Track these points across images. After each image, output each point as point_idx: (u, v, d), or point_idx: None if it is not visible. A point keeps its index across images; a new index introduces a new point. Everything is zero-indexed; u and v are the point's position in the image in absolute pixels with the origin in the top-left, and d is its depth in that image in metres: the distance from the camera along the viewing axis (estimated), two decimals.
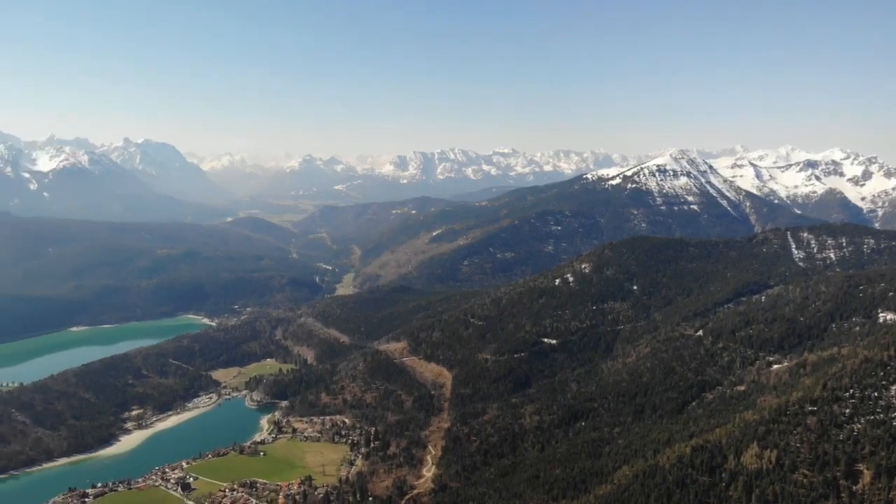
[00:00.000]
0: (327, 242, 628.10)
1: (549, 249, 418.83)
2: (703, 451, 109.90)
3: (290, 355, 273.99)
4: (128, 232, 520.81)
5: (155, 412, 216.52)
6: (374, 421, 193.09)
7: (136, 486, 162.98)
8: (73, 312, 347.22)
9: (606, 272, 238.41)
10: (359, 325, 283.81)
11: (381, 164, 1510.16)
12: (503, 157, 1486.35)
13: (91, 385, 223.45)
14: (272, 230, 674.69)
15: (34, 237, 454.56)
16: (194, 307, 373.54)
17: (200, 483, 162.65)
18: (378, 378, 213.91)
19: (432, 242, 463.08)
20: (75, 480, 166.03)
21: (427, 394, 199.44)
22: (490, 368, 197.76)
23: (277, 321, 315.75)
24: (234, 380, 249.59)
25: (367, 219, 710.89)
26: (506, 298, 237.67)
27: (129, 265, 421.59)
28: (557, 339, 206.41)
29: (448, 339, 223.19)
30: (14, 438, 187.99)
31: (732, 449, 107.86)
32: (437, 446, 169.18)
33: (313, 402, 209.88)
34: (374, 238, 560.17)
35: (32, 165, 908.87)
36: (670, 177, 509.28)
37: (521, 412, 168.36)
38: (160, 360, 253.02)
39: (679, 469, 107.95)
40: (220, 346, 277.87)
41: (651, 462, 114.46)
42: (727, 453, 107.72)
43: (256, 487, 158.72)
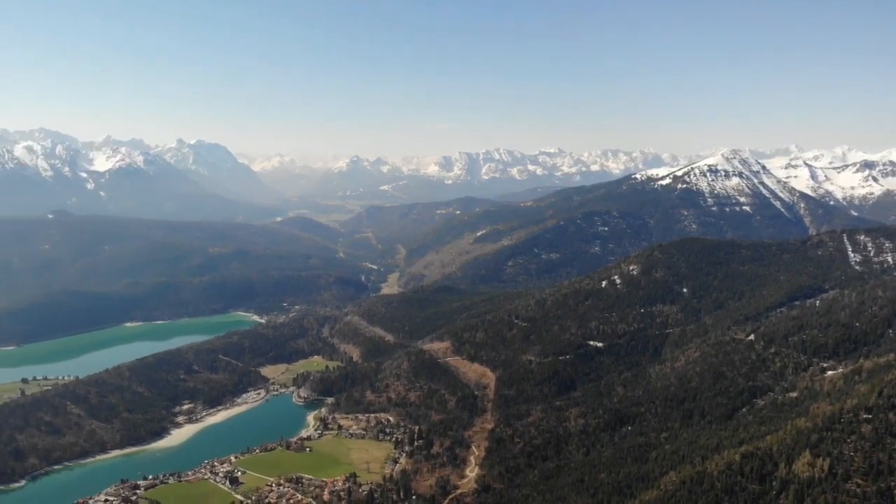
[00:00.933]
0: (373, 242, 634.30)
1: (596, 251, 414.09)
2: (753, 458, 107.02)
3: (336, 353, 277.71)
4: (181, 231, 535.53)
5: (205, 407, 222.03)
6: (417, 419, 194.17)
7: (185, 479, 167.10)
8: (128, 308, 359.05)
9: (655, 274, 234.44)
10: (403, 324, 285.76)
11: (427, 164, 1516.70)
12: (549, 157, 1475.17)
13: (144, 379, 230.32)
14: (320, 230, 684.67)
15: (91, 235, 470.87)
16: (244, 304, 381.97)
17: (248, 477, 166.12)
18: (422, 377, 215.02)
19: (476, 243, 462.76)
20: (127, 472, 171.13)
21: (470, 394, 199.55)
22: (534, 370, 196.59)
23: (324, 319, 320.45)
24: (282, 376, 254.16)
25: (411, 219, 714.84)
26: (551, 300, 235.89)
27: (182, 263, 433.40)
28: (604, 341, 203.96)
29: (492, 339, 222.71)
30: (69, 430, 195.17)
31: (784, 457, 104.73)
32: (480, 447, 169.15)
33: (358, 400, 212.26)
34: (419, 238, 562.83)
35: (89, 165, 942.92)
36: (722, 177, 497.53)
37: (566, 415, 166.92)
38: (211, 356, 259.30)
39: (728, 476, 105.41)
40: (269, 343, 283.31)
41: (699, 468, 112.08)
42: (778, 461, 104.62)
43: (302, 483, 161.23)
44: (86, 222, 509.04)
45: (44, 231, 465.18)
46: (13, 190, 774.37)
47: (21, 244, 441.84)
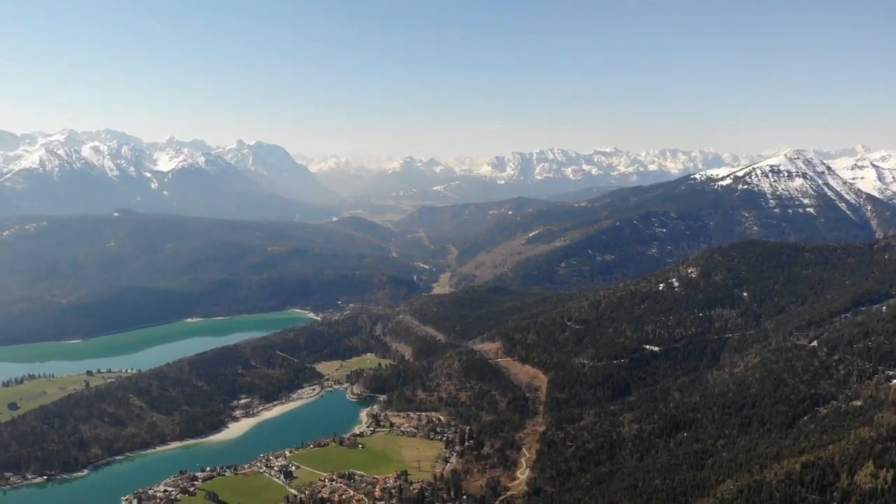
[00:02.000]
0: (425, 242, 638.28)
1: (653, 252, 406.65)
2: (813, 468, 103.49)
3: (388, 351, 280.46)
4: (240, 229, 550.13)
5: (261, 401, 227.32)
6: (468, 420, 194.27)
7: (241, 472, 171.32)
8: (189, 304, 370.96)
9: (715, 277, 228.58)
10: (454, 323, 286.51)
11: (479, 165, 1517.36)
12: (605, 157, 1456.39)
13: (203, 373, 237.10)
14: (374, 229, 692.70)
15: (154, 233, 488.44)
16: (300, 302, 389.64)
17: (302, 472, 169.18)
18: (473, 377, 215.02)
19: (528, 243, 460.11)
20: (186, 464, 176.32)
21: (522, 396, 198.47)
22: (587, 374, 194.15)
23: (377, 317, 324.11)
24: (336, 372, 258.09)
25: (463, 219, 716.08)
26: (605, 302, 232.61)
27: (241, 261, 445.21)
28: (660, 345, 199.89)
29: (544, 341, 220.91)
30: (131, 422, 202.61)
31: (845, 467, 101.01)
32: (531, 449, 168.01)
33: (410, 398, 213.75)
34: (471, 238, 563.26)
35: (153, 166, 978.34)
36: (784, 178, 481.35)
37: (620, 420, 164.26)
38: (268, 352, 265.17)
39: (787, 486, 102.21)
40: (324, 340, 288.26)
41: (757, 477, 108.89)
42: (840, 471, 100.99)
43: (354, 479, 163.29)
44: (149, 221, 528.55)
45: (110, 229, 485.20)
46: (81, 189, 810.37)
47: (88, 242, 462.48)
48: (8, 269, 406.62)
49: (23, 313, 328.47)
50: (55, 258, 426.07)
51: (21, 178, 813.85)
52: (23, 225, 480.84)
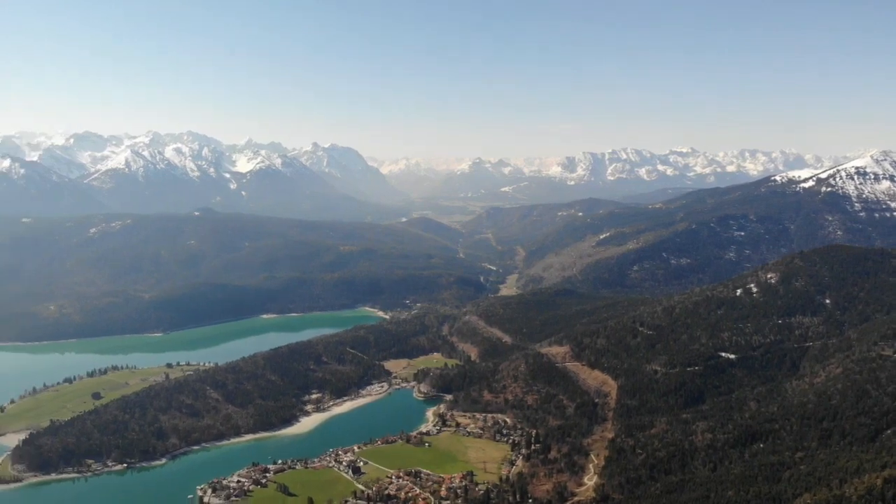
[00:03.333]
0: (492, 243, 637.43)
1: (731, 256, 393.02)
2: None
3: (455, 351, 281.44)
4: (314, 229, 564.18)
5: (332, 397, 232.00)
6: (535, 423, 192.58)
7: (311, 466, 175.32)
8: (265, 301, 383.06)
9: (795, 283, 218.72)
10: (521, 325, 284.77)
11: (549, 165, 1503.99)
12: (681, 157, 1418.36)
13: (277, 368, 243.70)
14: (441, 230, 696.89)
15: (233, 232, 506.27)
16: (370, 300, 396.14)
17: (369, 468, 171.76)
18: (540, 381, 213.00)
19: (599, 245, 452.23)
20: (259, 456, 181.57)
21: (590, 401, 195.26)
22: (659, 380, 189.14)
23: (444, 317, 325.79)
24: (404, 371, 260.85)
25: (532, 220, 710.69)
26: (679, 307, 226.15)
27: (315, 260, 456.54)
28: (736, 353, 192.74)
29: (614, 346, 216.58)
30: (207, 413, 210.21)
31: None
32: (599, 455, 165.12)
33: (476, 399, 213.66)
34: (539, 239, 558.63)
35: (232, 167, 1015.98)
36: (871, 180, 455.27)
37: (693, 428, 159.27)
38: (339, 349, 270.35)
39: (867, 501, 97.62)
40: (392, 338, 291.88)
41: (836, 492, 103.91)
42: None
43: (420, 477, 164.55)
44: (228, 220, 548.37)
45: (191, 227, 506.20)
46: (164, 189, 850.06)
47: (170, 239, 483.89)
48: (94, 265, 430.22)
49: (108, 307, 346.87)
50: (139, 255, 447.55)
51: (108, 177, 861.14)
52: (109, 223, 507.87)
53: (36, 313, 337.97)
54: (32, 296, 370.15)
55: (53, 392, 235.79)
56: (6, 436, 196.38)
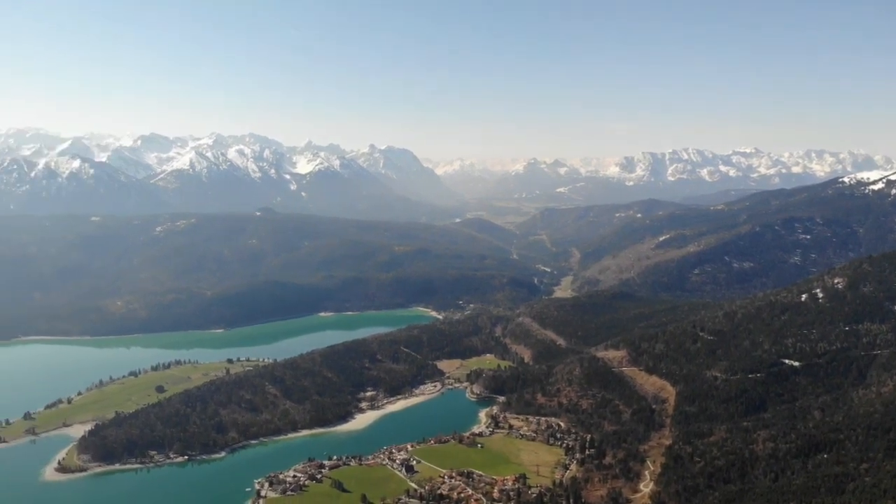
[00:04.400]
0: (547, 244, 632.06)
1: (795, 260, 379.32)
2: None
3: (507, 353, 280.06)
4: (370, 229, 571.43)
5: (386, 395, 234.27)
6: (589, 428, 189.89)
7: (365, 463, 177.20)
8: (322, 299, 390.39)
9: (863, 289, 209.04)
10: (576, 329, 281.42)
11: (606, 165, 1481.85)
12: (744, 158, 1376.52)
13: (333, 365, 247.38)
14: (495, 231, 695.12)
15: (292, 232, 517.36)
16: (424, 300, 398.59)
17: (422, 467, 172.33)
18: (595, 385, 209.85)
19: (658, 248, 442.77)
20: (314, 451, 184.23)
21: (647, 407, 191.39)
22: (720, 387, 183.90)
23: (497, 319, 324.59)
24: (457, 371, 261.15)
25: (588, 221, 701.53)
26: (741, 312, 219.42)
27: (371, 259, 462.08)
28: (800, 360, 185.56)
29: (673, 351, 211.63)
30: (266, 408, 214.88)
31: None
32: (656, 462, 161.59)
33: (529, 402, 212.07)
34: (595, 241, 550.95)
35: (293, 168, 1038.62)
36: None
37: (754, 437, 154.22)
38: (393, 347, 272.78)
39: None
40: (445, 338, 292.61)
41: None
42: None
43: (473, 478, 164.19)
44: (288, 220, 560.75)
45: (252, 227, 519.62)
46: (226, 189, 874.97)
47: (232, 238, 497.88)
48: (160, 263, 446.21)
49: (172, 303, 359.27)
50: (202, 253, 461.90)
51: (173, 178, 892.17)
52: (174, 222, 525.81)
53: (103, 308, 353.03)
54: (100, 292, 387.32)
55: (119, 385, 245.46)
56: (73, 427, 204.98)
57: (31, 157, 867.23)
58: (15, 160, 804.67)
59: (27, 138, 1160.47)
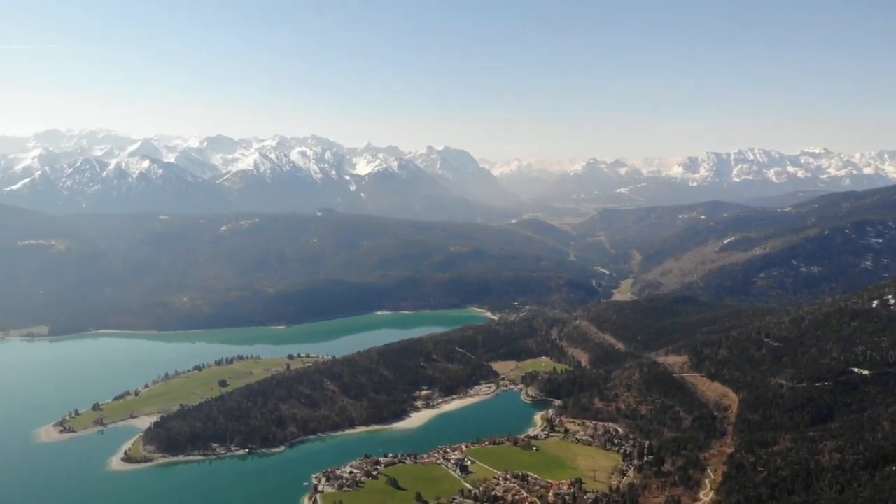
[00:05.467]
0: (606, 246, 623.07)
1: (867, 265, 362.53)
2: None
3: (564, 356, 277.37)
4: (426, 230, 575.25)
5: (441, 394, 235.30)
6: (648, 434, 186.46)
7: (420, 461, 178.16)
8: (379, 298, 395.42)
9: None
10: (635, 333, 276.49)
11: (669, 166, 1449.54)
12: (813, 158, 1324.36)
13: (389, 363, 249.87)
14: (552, 232, 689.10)
15: (351, 232, 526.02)
16: (479, 301, 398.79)
17: (477, 467, 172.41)
18: (655, 391, 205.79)
19: (723, 251, 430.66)
20: (370, 448, 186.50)
21: (708, 414, 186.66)
22: (785, 395, 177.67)
23: (553, 321, 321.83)
24: (512, 373, 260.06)
25: (649, 223, 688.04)
26: (809, 318, 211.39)
27: (427, 259, 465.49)
28: (871, 369, 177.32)
29: (736, 358, 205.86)
30: (324, 404, 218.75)
31: None
32: (717, 471, 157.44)
33: (586, 406, 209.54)
34: (657, 243, 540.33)
35: (352, 169, 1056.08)
36: None
37: (820, 447, 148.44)
38: (448, 347, 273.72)
39: None
40: (500, 340, 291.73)
41: None
42: None
43: (528, 481, 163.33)
44: (347, 220, 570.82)
45: (313, 227, 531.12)
46: (289, 190, 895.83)
47: (294, 238, 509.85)
48: (224, 261, 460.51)
49: (236, 300, 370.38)
50: (265, 252, 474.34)
51: (238, 178, 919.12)
52: (238, 221, 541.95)
53: (170, 304, 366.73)
54: (167, 288, 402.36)
55: (184, 378, 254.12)
56: (139, 418, 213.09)
57: (102, 157, 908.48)
58: (87, 160, 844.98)
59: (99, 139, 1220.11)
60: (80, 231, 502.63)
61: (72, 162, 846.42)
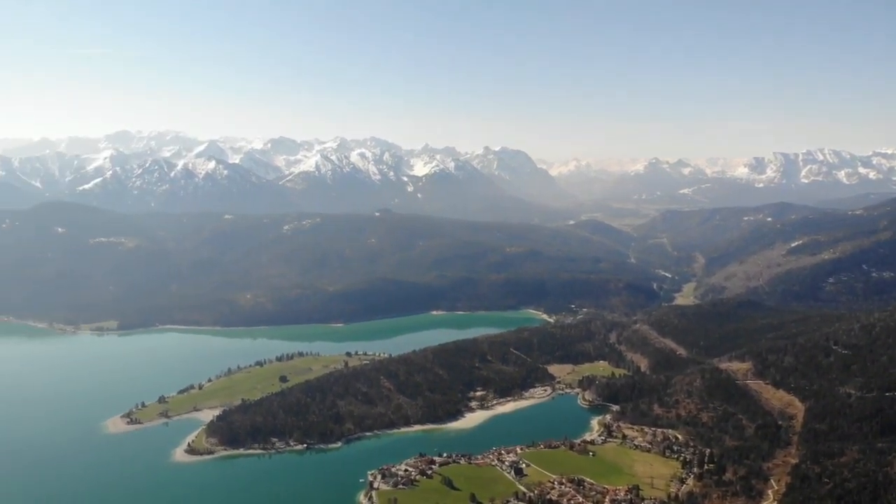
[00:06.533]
0: (667, 248, 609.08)
1: None
2: None
3: (622, 360, 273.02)
4: (482, 230, 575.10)
5: (495, 395, 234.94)
6: (709, 442, 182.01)
7: (474, 462, 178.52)
8: (434, 298, 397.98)
9: None
10: (697, 338, 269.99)
11: (734, 166, 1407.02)
12: (886, 159, 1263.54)
13: (444, 363, 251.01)
14: (611, 233, 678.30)
15: (408, 232, 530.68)
16: (534, 302, 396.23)
17: (531, 471, 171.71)
18: (716, 398, 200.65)
19: (790, 254, 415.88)
20: (424, 447, 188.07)
21: (772, 423, 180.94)
22: (853, 405, 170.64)
23: (612, 325, 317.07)
24: (568, 376, 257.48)
25: (713, 225, 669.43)
26: (880, 325, 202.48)
27: (482, 260, 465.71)
28: None
29: (802, 365, 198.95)
30: (380, 402, 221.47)
31: None
32: (780, 481, 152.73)
33: (645, 412, 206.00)
34: (721, 246, 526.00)
35: (410, 170, 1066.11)
36: None
37: (888, 459, 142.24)
38: (503, 349, 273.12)
39: None
40: (556, 342, 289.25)
41: None
42: None
43: (584, 486, 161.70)
44: (405, 220, 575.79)
45: (371, 227, 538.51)
46: (348, 190, 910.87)
47: (353, 237, 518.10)
48: (286, 259, 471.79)
49: (297, 298, 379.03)
50: (325, 251, 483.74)
51: (300, 179, 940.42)
52: (300, 221, 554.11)
53: (233, 301, 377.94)
54: (231, 285, 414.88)
55: (246, 373, 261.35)
56: (203, 411, 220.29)
57: (170, 158, 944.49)
58: (156, 161, 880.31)
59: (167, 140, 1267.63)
60: (149, 229, 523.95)
61: (141, 162, 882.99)
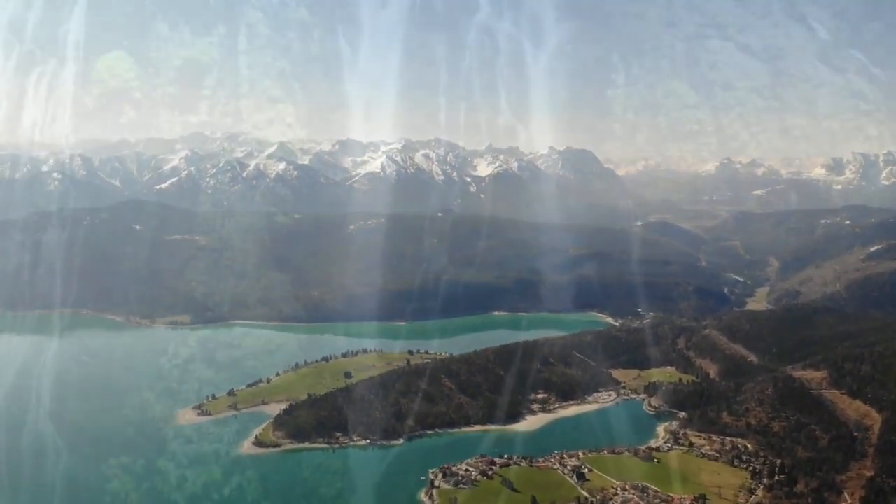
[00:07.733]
0: (740, 251, 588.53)
1: None
2: None
3: (690, 366, 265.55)
4: (545, 231, 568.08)
5: (557, 399, 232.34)
6: (780, 452, 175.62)
7: (535, 465, 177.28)
8: (496, 299, 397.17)
9: None
10: (770, 345, 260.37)
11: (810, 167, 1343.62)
12: None
13: (505, 364, 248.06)
14: (680, 235, 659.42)
15: (470, 232, 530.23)
16: (599, 305, 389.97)
17: (594, 476, 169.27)
18: (789, 407, 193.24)
19: (870, 259, 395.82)
20: (484, 447, 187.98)
21: (847, 434, 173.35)
22: None
23: (680, 329, 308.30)
24: (633, 382, 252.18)
25: (788, 228, 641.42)
26: None
27: (544, 261, 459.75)
28: None
29: (881, 375, 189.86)
30: (441, 401, 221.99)
31: None
32: (853, 495, 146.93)
33: (713, 420, 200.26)
34: (796, 250, 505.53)
35: (473, 171, 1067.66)
36: None
37: None
38: (565, 352, 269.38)
39: None
40: (621, 347, 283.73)
41: None
42: None
43: (647, 493, 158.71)
44: (467, 220, 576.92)
45: (434, 227, 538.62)
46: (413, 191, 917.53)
47: (415, 237, 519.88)
48: (352, 258, 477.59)
49: (362, 296, 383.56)
50: (390, 250, 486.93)
51: (366, 180, 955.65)
52: (365, 220, 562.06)
53: (300, 298, 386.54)
54: (298, 282, 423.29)
55: (312, 369, 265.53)
56: (270, 405, 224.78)
57: (243, 158, 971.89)
58: (229, 162, 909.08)
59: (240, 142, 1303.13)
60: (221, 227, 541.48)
61: (215, 163, 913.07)
